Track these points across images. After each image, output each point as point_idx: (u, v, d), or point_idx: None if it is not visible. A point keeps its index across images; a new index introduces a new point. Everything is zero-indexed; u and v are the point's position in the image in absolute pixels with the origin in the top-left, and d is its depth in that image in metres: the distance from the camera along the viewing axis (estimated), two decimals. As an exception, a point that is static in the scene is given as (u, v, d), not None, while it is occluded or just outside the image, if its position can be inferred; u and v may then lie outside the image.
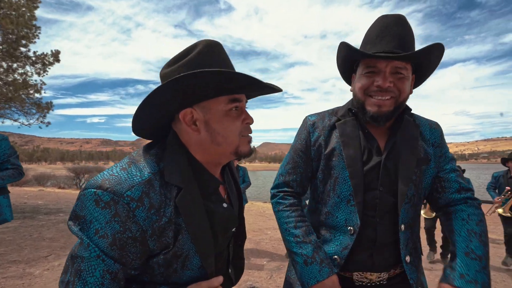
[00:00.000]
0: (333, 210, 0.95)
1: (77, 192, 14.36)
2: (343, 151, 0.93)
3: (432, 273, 3.65)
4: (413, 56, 0.85)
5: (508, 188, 3.81)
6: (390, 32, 0.87)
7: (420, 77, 0.97)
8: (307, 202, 1.67)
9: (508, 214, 3.69)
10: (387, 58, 0.83)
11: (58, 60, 7.63)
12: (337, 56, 0.98)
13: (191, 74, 0.56)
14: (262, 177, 47.73)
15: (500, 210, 3.77)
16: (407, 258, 0.91)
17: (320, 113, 1.06)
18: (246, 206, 10.41)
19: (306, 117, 1.07)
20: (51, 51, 7.83)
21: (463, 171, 6.49)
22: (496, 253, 4.63)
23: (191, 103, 0.64)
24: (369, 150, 0.94)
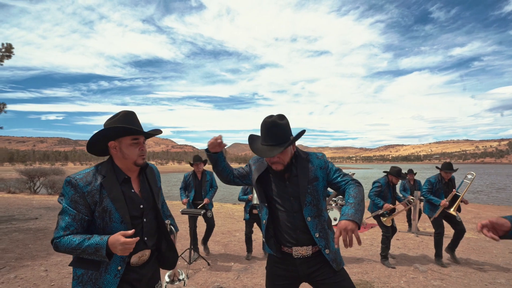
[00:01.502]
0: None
1: (31, 197, 13.19)
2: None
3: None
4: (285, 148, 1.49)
5: (453, 190, 4.31)
6: (270, 132, 1.50)
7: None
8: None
9: (454, 213, 4.22)
10: (270, 156, 1.49)
11: (10, 55, 7.06)
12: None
13: (111, 128, 1.31)
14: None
15: (451, 210, 4.24)
16: (316, 234, 1.54)
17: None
18: (215, 208, 10.44)
19: None
20: (3, 44, 7.22)
21: (415, 174, 7.21)
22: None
23: (114, 138, 1.35)
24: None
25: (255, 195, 4.30)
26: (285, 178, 1.58)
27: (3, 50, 7.17)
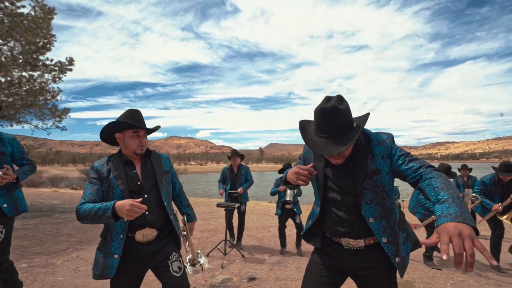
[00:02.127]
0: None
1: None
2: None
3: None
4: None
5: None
6: (329, 124, 1.23)
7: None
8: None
9: (509, 222, 3.71)
10: (331, 153, 1.25)
11: (71, 68, 8.05)
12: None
13: (115, 122, 1.62)
14: (269, 178, 47.81)
15: (504, 218, 3.77)
16: (384, 239, 1.27)
17: None
18: (251, 205, 10.66)
19: None
20: (66, 58, 8.25)
21: (470, 169, 6.52)
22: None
23: (119, 131, 1.65)
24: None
25: (289, 191, 4.31)
26: (339, 169, 1.35)
27: (66, 63, 8.20)
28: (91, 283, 2.97)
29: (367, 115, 1.30)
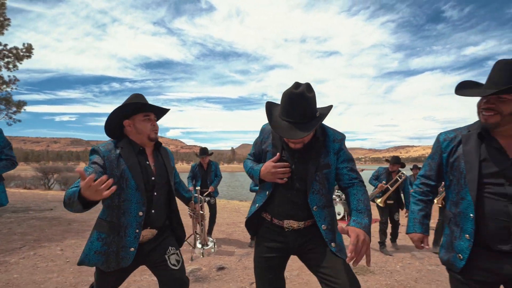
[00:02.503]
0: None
1: (46, 192, 13.74)
2: None
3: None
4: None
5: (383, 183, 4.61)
6: (296, 111, 1.28)
7: None
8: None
9: (381, 205, 4.61)
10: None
11: (30, 55, 7.48)
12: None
13: (126, 105, 1.49)
14: (241, 178, 47.66)
15: (378, 201, 4.64)
16: (324, 226, 1.38)
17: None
18: (222, 203, 10.69)
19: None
20: (24, 44, 7.63)
21: (419, 169, 7.25)
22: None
23: (128, 117, 1.51)
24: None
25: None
26: (295, 155, 1.40)
27: (24, 50, 7.58)
28: (52, 278, 2.85)
29: (330, 107, 1.38)
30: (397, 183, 4.59)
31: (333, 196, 6.53)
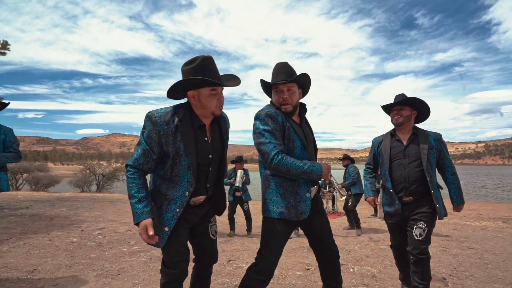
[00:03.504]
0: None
1: (15, 193, 13.15)
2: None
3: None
4: (291, 80, 1.63)
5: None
6: (281, 71, 1.67)
7: (304, 90, 1.80)
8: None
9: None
10: (282, 83, 1.64)
11: (5, 53, 7.34)
12: (261, 85, 1.77)
13: (190, 79, 1.34)
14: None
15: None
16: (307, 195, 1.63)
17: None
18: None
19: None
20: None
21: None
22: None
23: (193, 88, 1.39)
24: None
25: (238, 179, 4.93)
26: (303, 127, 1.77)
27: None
28: (47, 261, 3.11)
29: (306, 74, 1.68)
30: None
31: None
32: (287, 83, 1.63)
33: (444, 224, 6.32)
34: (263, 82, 1.74)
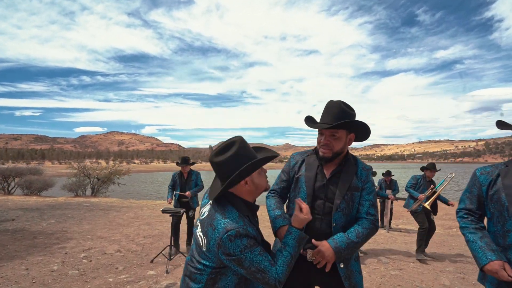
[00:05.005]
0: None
1: (5, 197, 12.68)
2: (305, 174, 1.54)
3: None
4: (335, 126, 1.40)
5: (432, 186, 4.68)
6: (330, 111, 1.46)
7: (359, 136, 1.54)
8: None
9: (428, 207, 4.50)
10: (324, 127, 1.43)
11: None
12: (305, 122, 1.57)
13: (249, 165, 1.14)
14: (218, 177, 46.77)
15: (426, 204, 4.51)
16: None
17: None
18: (197, 208, 10.59)
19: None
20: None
21: (392, 175, 7.68)
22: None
23: (246, 176, 1.18)
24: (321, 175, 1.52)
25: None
26: (325, 174, 1.50)
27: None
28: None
29: (363, 123, 1.46)
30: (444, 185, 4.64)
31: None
32: (330, 129, 1.44)
33: None
34: (306, 122, 1.56)
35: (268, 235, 6.27)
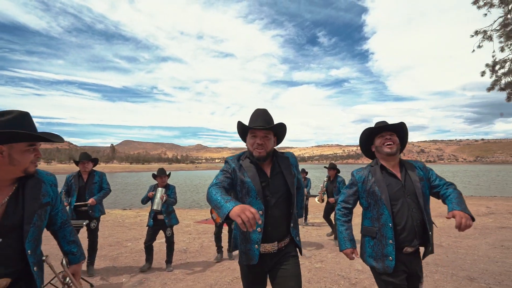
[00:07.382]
0: (250, 204, 1.61)
1: None
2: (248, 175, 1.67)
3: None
4: (269, 128, 1.66)
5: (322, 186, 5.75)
6: (260, 117, 1.69)
7: (278, 138, 1.80)
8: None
9: (319, 202, 5.89)
10: (266, 128, 1.66)
11: None
12: (237, 127, 1.75)
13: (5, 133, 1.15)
14: (121, 180, 41.19)
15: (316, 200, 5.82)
16: (292, 224, 1.69)
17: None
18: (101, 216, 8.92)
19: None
20: None
21: (306, 172, 8.34)
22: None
23: (4, 143, 1.19)
24: (262, 174, 1.70)
25: (157, 200, 3.89)
26: (266, 173, 1.70)
27: None
28: None
29: (284, 125, 1.73)
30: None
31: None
32: (264, 130, 1.66)
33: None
34: (240, 124, 1.73)
35: (189, 242, 5.69)
